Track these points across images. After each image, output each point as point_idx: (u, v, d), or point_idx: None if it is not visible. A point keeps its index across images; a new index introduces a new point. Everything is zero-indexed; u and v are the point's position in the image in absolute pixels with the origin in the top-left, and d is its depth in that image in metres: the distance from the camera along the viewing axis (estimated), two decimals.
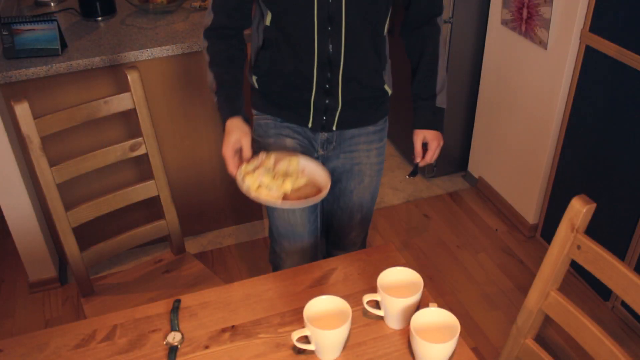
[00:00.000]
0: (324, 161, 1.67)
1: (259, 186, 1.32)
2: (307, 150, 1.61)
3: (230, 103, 1.46)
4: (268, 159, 1.40)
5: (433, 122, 1.61)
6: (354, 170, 1.68)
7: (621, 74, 2.03)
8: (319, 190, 1.34)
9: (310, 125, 1.57)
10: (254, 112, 1.64)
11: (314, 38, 1.43)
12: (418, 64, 1.61)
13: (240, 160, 1.42)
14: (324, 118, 1.56)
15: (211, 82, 1.49)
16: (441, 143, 1.62)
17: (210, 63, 1.50)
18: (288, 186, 1.33)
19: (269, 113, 1.60)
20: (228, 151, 1.40)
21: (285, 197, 1.31)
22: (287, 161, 1.40)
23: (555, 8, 2.21)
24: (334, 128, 1.58)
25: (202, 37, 1.52)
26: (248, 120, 1.47)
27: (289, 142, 1.59)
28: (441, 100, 1.61)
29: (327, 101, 1.52)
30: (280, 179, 1.34)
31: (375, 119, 1.63)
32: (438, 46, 1.60)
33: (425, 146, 1.62)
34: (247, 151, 1.42)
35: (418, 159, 1.63)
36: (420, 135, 1.61)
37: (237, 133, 1.42)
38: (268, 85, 1.56)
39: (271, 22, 1.46)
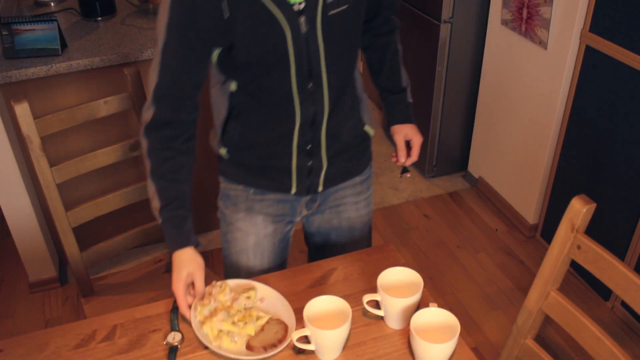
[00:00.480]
0: (307, 221, 1.55)
1: (220, 331, 1.18)
2: (287, 220, 1.48)
3: (177, 230, 1.25)
4: (222, 294, 1.24)
5: (410, 116, 1.51)
6: (343, 227, 1.54)
7: (621, 74, 2.03)
8: (283, 324, 1.22)
9: (294, 191, 1.40)
10: (221, 180, 1.46)
11: (294, 99, 1.25)
12: (382, 60, 1.49)
13: (192, 295, 1.25)
14: (308, 181, 1.40)
15: (152, 195, 1.26)
16: (422, 138, 1.51)
17: (151, 172, 1.26)
18: (251, 330, 1.19)
19: (242, 183, 1.42)
20: (180, 288, 1.22)
21: (248, 342, 1.18)
22: (245, 297, 1.25)
23: (555, 8, 2.21)
24: (320, 189, 1.43)
25: (141, 135, 1.26)
26: (198, 244, 1.29)
27: (260, 220, 1.44)
28: (409, 95, 1.53)
29: (309, 163, 1.36)
30: (242, 322, 1.20)
31: (362, 168, 1.50)
32: (397, 42, 1.50)
33: (407, 143, 1.51)
34: (200, 286, 1.24)
35: (403, 159, 1.50)
36: (403, 132, 1.50)
37: (190, 266, 1.24)
38: (241, 157, 1.39)
39: (238, 87, 1.28)
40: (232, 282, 1.29)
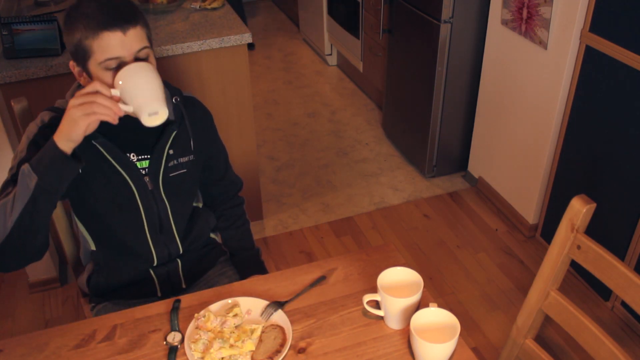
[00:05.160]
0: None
1: (222, 359, 1.15)
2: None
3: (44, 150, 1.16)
4: (209, 322, 1.22)
5: (261, 269, 1.59)
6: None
7: (621, 74, 2.03)
8: (278, 327, 1.22)
9: (159, 294, 1.54)
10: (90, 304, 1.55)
11: (151, 250, 1.45)
12: (233, 227, 1.63)
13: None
14: (169, 285, 1.54)
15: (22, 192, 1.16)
16: None
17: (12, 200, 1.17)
18: (251, 346, 1.18)
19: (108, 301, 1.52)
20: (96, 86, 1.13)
21: (252, 358, 1.17)
22: (232, 317, 1.23)
23: (555, 8, 2.21)
24: (184, 286, 1.56)
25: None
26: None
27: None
28: (261, 256, 1.65)
29: (167, 270, 1.52)
30: (239, 342, 1.18)
31: (214, 262, 1.63)
32: (245, 213, 1.66)
33: None
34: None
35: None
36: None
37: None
38: (105, 296, 1.52)
39: (97, 246, 1.46)
40: (213, 307, 1.28)
